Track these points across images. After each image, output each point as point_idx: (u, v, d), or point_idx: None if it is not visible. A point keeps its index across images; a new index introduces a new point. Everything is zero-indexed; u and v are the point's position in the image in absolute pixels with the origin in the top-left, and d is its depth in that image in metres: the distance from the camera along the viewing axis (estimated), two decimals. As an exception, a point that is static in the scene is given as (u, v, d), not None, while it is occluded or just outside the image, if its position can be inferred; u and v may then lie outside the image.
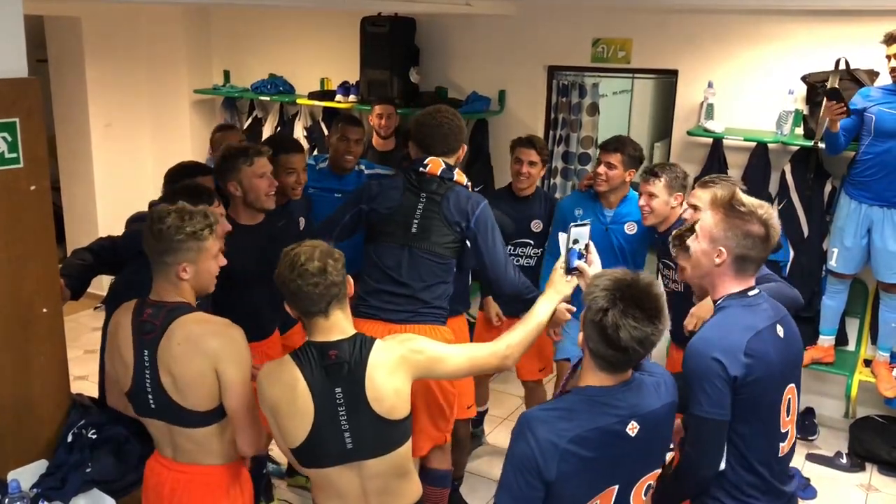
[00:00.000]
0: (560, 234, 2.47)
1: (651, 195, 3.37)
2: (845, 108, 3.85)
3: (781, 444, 2.18)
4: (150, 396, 2.25)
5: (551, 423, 1.83)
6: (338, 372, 2.06)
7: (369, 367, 2.06)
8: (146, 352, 2.22)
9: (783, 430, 2.17)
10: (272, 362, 2.16)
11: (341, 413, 2.06)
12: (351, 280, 2.16)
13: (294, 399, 2.06)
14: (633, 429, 1.87)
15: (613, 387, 1.88)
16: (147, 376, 2.23)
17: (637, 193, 3.64)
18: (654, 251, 3.71)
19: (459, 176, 2.89)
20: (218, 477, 2.32)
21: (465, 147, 3.00)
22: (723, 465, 2.11)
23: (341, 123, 4.00)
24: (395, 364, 2.10)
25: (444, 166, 2.86)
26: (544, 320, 2.38)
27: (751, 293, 2.16)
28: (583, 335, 1.89)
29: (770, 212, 2.13)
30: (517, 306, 3.80)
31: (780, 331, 2.16)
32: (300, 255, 2.06)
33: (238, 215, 3.09)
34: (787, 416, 2.18)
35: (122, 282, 3.01)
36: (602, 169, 3.57)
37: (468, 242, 2.84)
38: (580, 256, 2.36)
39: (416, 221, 2.81)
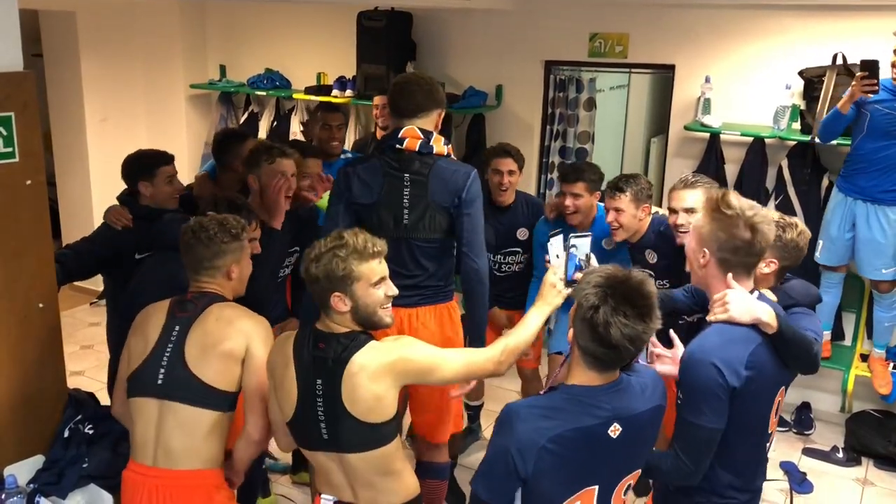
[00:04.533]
0: (549, 243, 2.43)
1: (618, 210, 3.29)
2: (877, 86, 3.70)
3: (767, 444, 2.19)
4: (161, 370, 2.28)
5: (532, 422, 1.81)
6: (322, 365, 2.09)
7: (350, 367, 2.05)
8: (177, 327, 2.31)
9: (769, 432, 2.18)
10: (287, 333, 2.24)
11: (319, 404, 2.09)
12: (345, 300, 2.15)
13: (284, 377, 2.13)
14: (615, 431, 1.84)
15: (599, 387, 1.86)
16: (168, 349, 2.29)
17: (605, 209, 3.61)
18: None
19: (439, 146, 2.72)
20: (199, 480, 2.30)
21: (442, 112, 2.82)
22: None
23: (320, 112, 4.20)
24: (382, 370, 2.07)
25: (421, 138, 2.69)
26: (535, 331, 2.36)
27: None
28: (572, 332, 1.87)
29: (761, 215, 2.05)
30: (514, 299, 3.84)
31: None
32: (307, 253, 2.13)
33: (256, 210, 3.11)
34: (775, 416, 2.18)
35: (140, 282, 2.98)
36: (569, 201, 3.49)
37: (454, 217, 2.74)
38: (579, 268, 2.31)
39: (406, 211, 2.72)
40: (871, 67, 3.70)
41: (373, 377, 2.06)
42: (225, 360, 2.28)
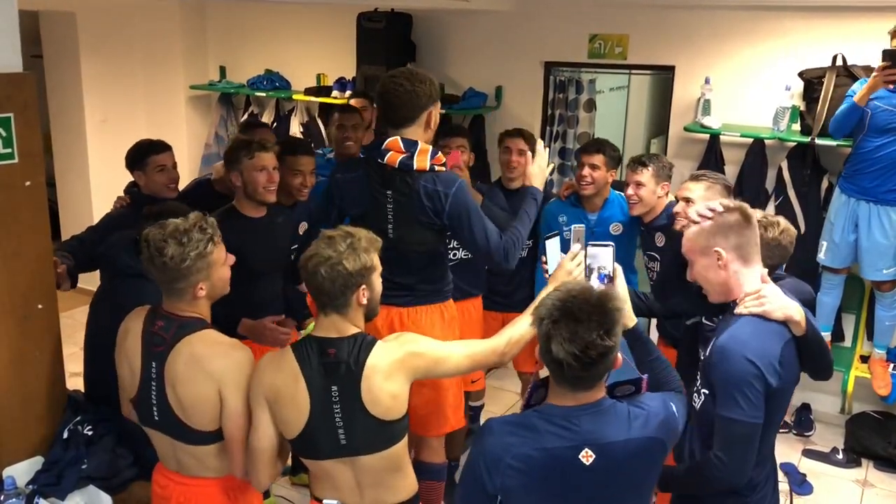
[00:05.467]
0: (546, 244, 2.44)
1: (639, 184, 3.38)
2: None
3: (775, 438, 2.19)
4: (154, 408, 2.23)
5: (500, 437, 1.80)
6: (335, 370, 2.07)
7: (367, 370, 2.06)
8: (153, 364, 2.20)
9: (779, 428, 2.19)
10: (274, 352, 2.17)
11: (336, 410, 2.07)
12: (366, 292, 2.11)
13: (295, 391, 2.07)
14: (587, 457, 1.76)
15: (572, 408, 1.79)
16: (153, 388, 2.21)
17: (618, 194, 3.65)
18: (640, 245, 3.71)
19: (421, 161, 2.62)
20: (225, 487, 2.30)
21: (435, 112, 2.71)
22: None
23: (336, 113, 4.15)
24: (394, 368, 2.09)
25: (403, 153, 2.61)
26: None
27: None
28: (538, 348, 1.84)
29: (730, 197, 2.12)
30: (511, 300, 3.83)
31: None
32: (318, 253, 2.06)
33: (241, 206, 3.13)
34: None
35: (111, 288, 3.02)
36: (586, 171, 3.56)
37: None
38: (604, 280, 2.22)
39: (390, 226, 2.69)
40: (893, 57, 3.69)
41: (387, 376, 2.07)
42: (202, 406, 2.17)
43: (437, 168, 2.67)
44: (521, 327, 2.32)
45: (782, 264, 2.52)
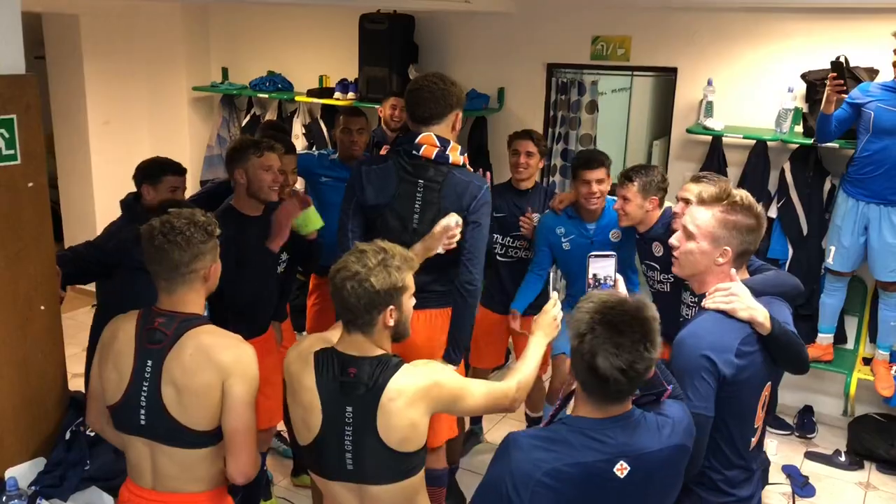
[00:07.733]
0: (550, 273, 2.46)
1: (625, 199, 3.36)
2: (844, 86, 3.79)
3: (752, 439, 2.18)
4: (142, 411, 2.13)
5: (529, 452, 1.71)
6: (353, 391, 1.95)
7: (387, 393, 1.93)
8: (150, 362, 2.13)
9: (755, 426, 2.17)
10: (302, 347, 2.09)
11: (347, 433, 1.97)
12: (394, 313, 2.01)
13: (309, 401, 1.99)
14: (621, 469, 1.71)
15: (604, 420, 1.74)
16: (144, 388, 2.13)
17: (612, 199, 3.63)
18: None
19: (455, 156, 2.73)
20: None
21: (460, 114, 2.81)
22: None
23: (343, 116, 4.14)
24: (418, 395, 1.96)
25: (438, 147, 2.69)
26: (539, 361, 2.30)
27: None
28: (570, 362, 1.79)
29: (755, 201, 2.14)
30: (512, 294, 3.84)
31: None
32: (346, 267, 1.96)
33: (241, 205, 3.13)
34: (762, 411, 2.19)
35: (113, 293, 3.02)
36: (595, 187, 3.53)
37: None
38: (607, 289, 2.22)
39: (416, 216, 2.71)
40: (838, 68, 3.77)
41: (410, 402, 1.95)
42: (203, 399, 2.08)
43: (468, 166, 2.78)
44: (525, 371, 2.23)
45: (756, 248, 2.54)
